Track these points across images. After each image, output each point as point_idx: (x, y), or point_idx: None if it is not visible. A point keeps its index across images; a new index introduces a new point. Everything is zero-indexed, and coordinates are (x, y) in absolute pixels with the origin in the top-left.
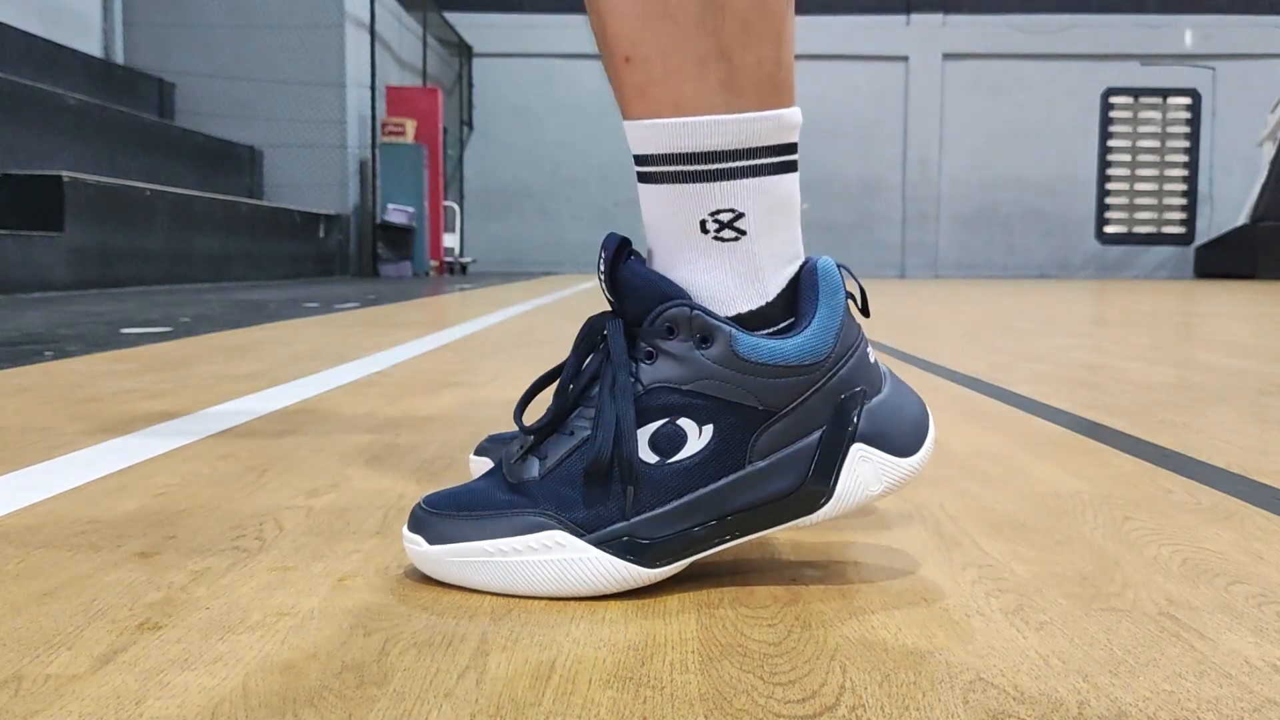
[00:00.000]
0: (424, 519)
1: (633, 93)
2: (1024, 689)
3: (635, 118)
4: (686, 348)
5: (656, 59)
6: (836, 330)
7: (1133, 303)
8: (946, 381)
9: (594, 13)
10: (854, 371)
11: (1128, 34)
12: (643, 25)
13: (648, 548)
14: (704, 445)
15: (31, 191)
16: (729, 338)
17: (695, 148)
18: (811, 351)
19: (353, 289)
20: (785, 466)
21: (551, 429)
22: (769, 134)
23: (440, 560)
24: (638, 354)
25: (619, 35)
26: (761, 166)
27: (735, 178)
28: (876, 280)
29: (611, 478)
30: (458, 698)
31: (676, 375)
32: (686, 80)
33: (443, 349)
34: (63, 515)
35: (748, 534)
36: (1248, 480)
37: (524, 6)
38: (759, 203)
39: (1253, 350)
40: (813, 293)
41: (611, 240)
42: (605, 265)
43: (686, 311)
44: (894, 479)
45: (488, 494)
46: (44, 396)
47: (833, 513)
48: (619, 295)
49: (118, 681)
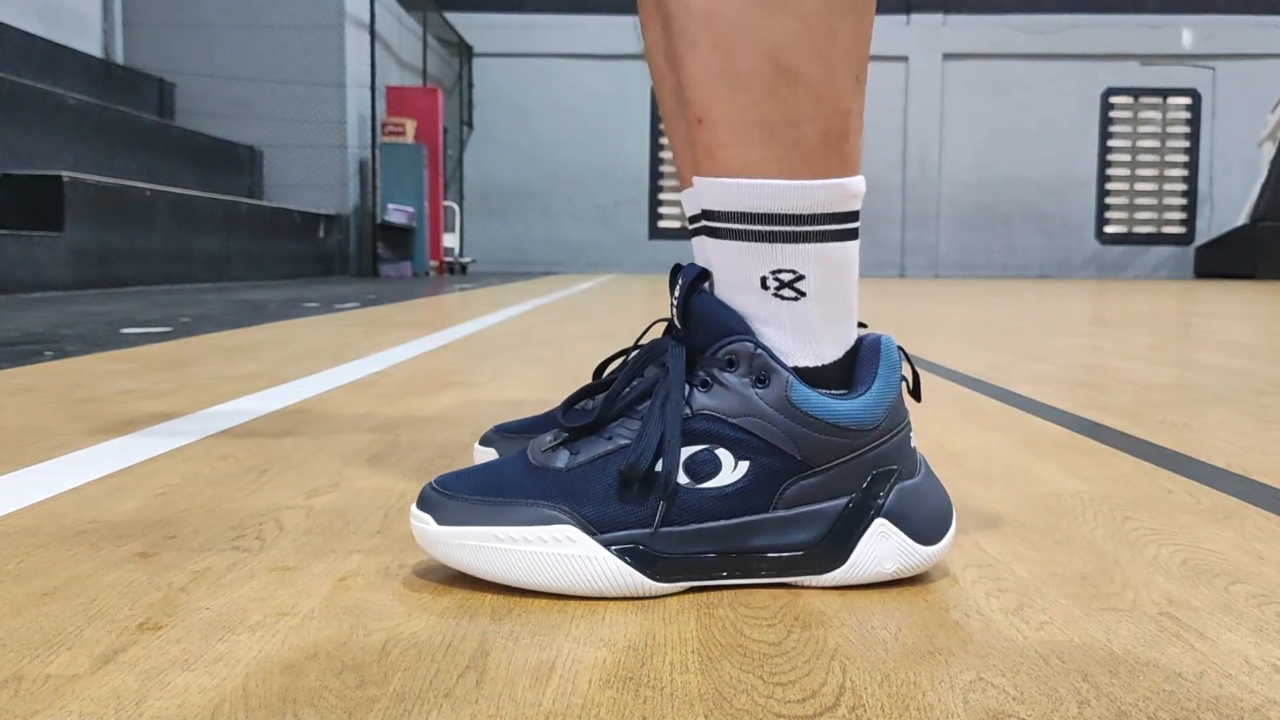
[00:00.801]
0: (434, 499)
1: (703, 152)
2: (1024, 689)
3: (704, 175)
4: (743, 383)
5: (726, 124)
6: (889, 405)
7: (1133, 303)
8: (946, 381)
9: (672, 74)
10: (894, 449)
11: (1127, 34)
12: (714, 92)
13: (654, 560)
14: (736, 479)
15: (31, 191)
16: (786, 383)
17: (760, 209)
18: (861, 419)
19: (353, 289)
20: (808, 521)
21: (591, 430)
22: (833, 202)
23: (446, 542)
24: (694, 380)
25: (693, 98)
26: (825, 233)
27: (797, 241)
28: (876, 280)
29: (642, 487)
30: (458, 698)
31: (726, 407)
32: (754, 146)
33: (443, 349)
34: (63, 515)
35: (751, 577)
36: (1248, 480)
37: (524, 6)
38: (820, 267)
39: (1253, 350)
40: (873, 365)
41: (690, 270)
42: (681, 293)
43: (750, 348)
44: (909, 563)
45: (504, 478)
46: (44, 396)
47: (841, 579)
48: (688, 323)
49: (118, 681)
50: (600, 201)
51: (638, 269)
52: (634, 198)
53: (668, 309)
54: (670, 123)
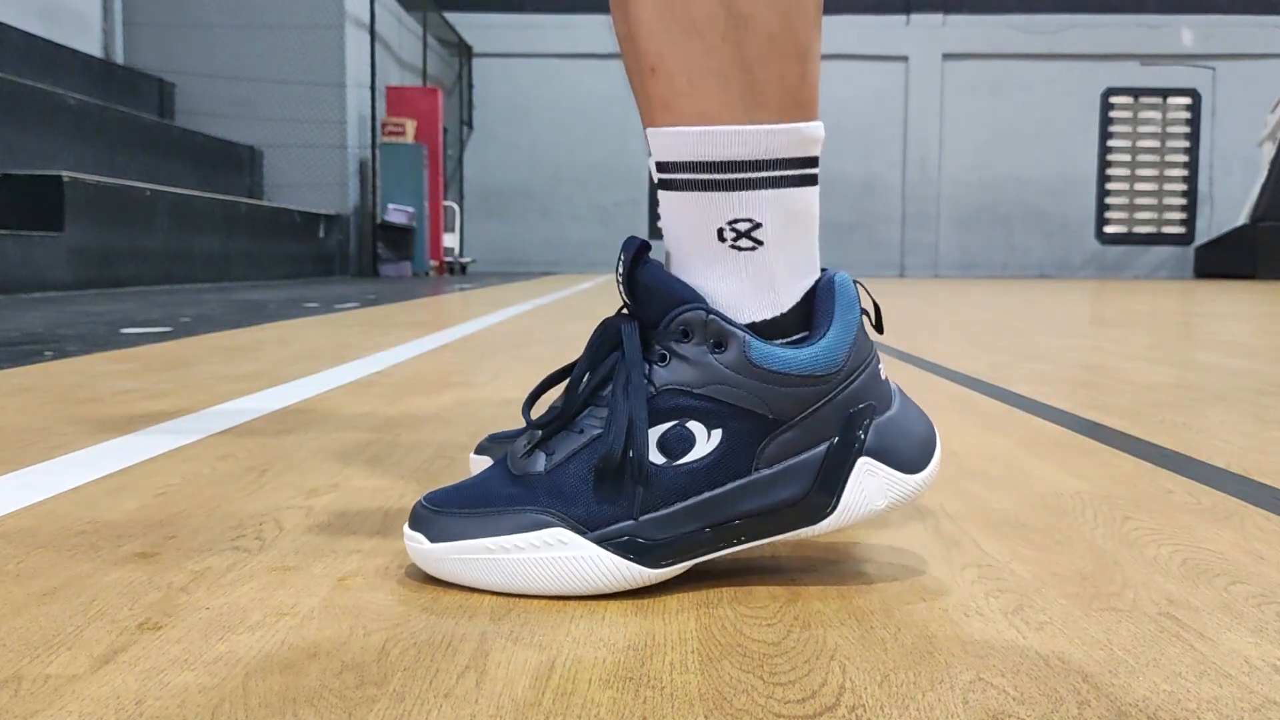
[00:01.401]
0: (425, 516)
1: (657, 103)
2: (1024, 689)
3: (659, 126)
4: (700, 351)
5: (681, 72)
6: (850, 344)
7: (1132, 303)
8: (946, 381)
9: (620, 23)
10: (864, 386)
11: (1127, 34)
12: (669, 39)
13: (650, 548)
14: (712, 449)
15: (31, 191)
16: (743, 344)
17: (716, 156)
18: (824, 363)
19: (353, 289)
20: (791, 475)
21: (560, 426)
22: (789, 146)
23: (441, 558)
24: (651, 356)
25: (646, 48)
26: (781, 179)
27: (754, 188)
28: (876, 280)
29: (619, 477)
30: (458, 698)
31: (689, 378)
32: (710, 93)
33: (443, 349)
34: (63, 515)
35: (750, 540)
36: (1248, 480)
37: (524, 6)
38: (777, 214)
39: (1253, 350)
40: (828, 306)
41: (631, 243)
42: (624, 268)
43: (702, 315)
44: (899, 494)
45: (490, 490)
46: (44, 396)
47: (837, 524)
48: (636, 297)
49: (118, 681)
50: (600, 201)
51: None
52: (634, 198)
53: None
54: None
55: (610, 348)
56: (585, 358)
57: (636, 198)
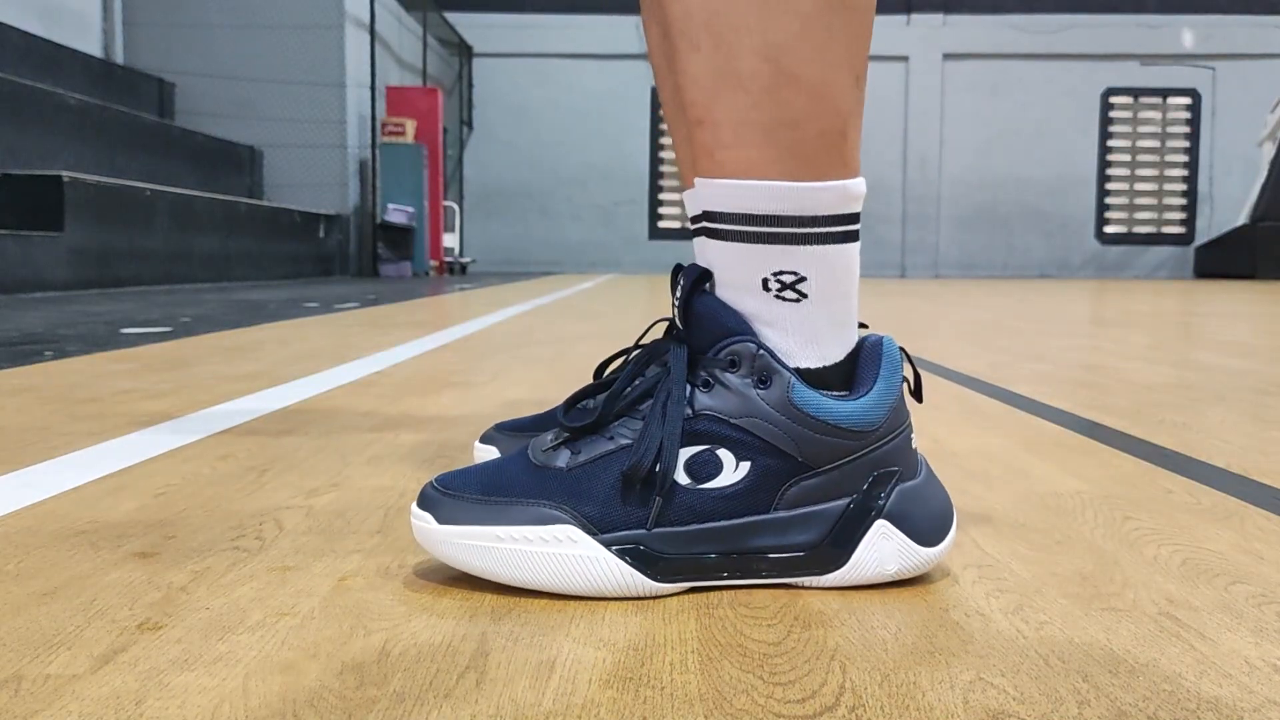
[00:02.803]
0: (435, 498)
1: (703, 153)
2: (1024, 689)
3: (703, 176)
4: (745, 384)
5: (726, 125)
6: (890, 407)
7: (1132, 303)
8: (946, 381)
9: (668, 76)
10: (895, 451)
11: (1127, 34)
12: (716, 92)
13: (656, 560)
14: (737, 480)
15: (31, 191)
16: (788, 384)
17: (761, 210)
18: (863, 420)
19: (353, 289)
20: (809, 522)
21: (592, 430)
22: (833, 204)
23: (446, 541)
24: (696, 380)
25: (693, 99)
26: (826, 235)
27: (798, 243)
28: (876, 280)
29: (642, 487)
30: (458, 698)
31: (728, 408)
32: (754, 147)
33: (443, 349)
34: (63, 515)
35: (754, 577)
36: (1248, 480)
37: (524, 6)
38: (821, 268)
39: (1253, 350)
40: (874, 366)
41: (692, 271)
42: (683, 293)
43: (753, 349)
44: (910, 564)
45: (506, 478)
46: (44, 396)
47: (843, 580)
48: (689, 322)
49: (118, 681)
50: (600, 201)
51: (638, 269)
52: (634, 198)
53: (669, 309)
54: (672, 124)
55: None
56: (630, 370)
57: (636, 198)
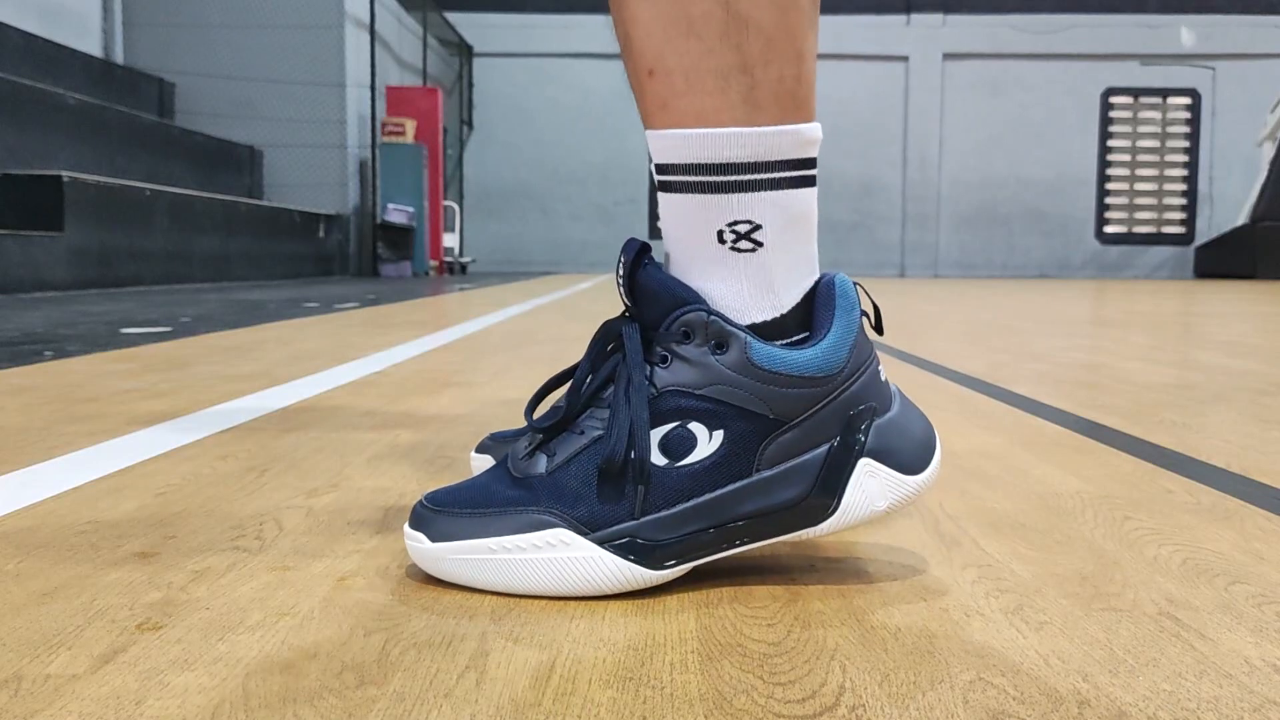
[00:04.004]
0: (425, 516)
1: (655, 104)
2: (1024, 689)
3: (657, 128)
4: (701, 353)
5: (679, 73)
6: (851, 345)
7: (1132, 303)
8: (946, 381)
9: (619, 24)
10: (865, 388)
11: (1128, 34)
12: (667, 40)
13: (651, 549)
14: (713, 450)
15: (31, 191)
16: (744, 345)
17: (715, 159)
18: (825, 364)
19: (353, 289)
20: (792, 476)
21: (562, 427)
22: (788, 148)
23: (442, 558)
24: (653, 357)
25: (643, 49)
26: (780, 180)
27: (754, 190)
28: (876, 280)
29: (620, 478)
30: (458, 698)
31: (690, 380)
32: (708, 94)
33: (443, 349)
34: (62, 515)
35: (752, 542)
36: (1248, 480)
37: (524, 6)
38: (777, 215)
39: (1253, 350)
40: (829, 308)
41: (631, 245)
42: (624, 270)
43: (703, 316)
44: (900, 495)
45: (491, 490)
46: (44, 396)
47: (838, 526)
48: (637, 299)
49: (118, 681)
50: (600, 201)
51: None
52: (634, 198)
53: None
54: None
55: (611, 350)
56: (587, 360)
57: (636, 198)
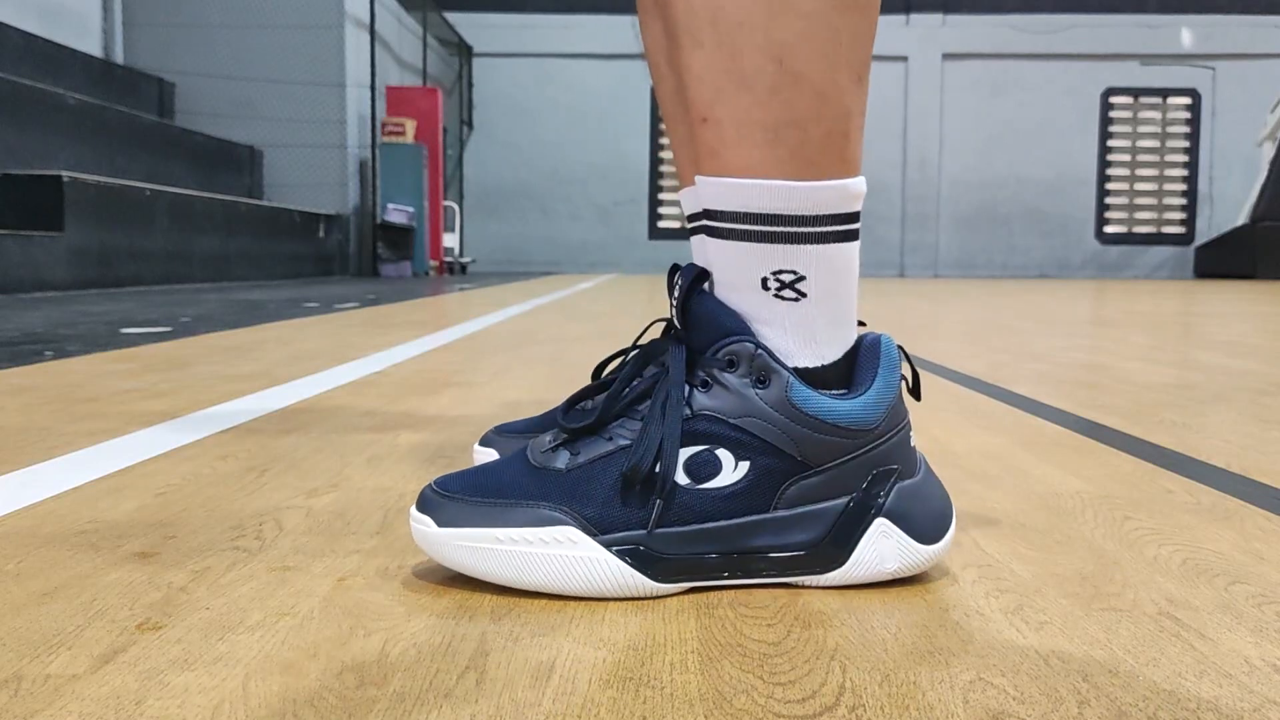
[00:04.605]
0: (434, 501)
1: (706, 151)
2: (1024, 689)
3: (707, 174)
4: (743, 383)
5: (730, 124)
6: (889, 405)
7: (1132, 303)
8: (946, 381)
9: (670, 75)
10: (894, 449)
11: (1127, 34)
12: (719, 91)
13: (656, 561)
14: (736, 480)
15: (31, 191)
16: (786, 383)
17: (762, 209)
18: (861, 418)
19: (353, 289)
20: (809, 521)
21: (591, 431)
22: (834, 203)
23: (446, 543)
24: (694, 380)
25: (696, 98)
26: (826, 234)
27: (799, 242)
28: (876, 280)
29: (642, 488)
30: (458, 698)
31: (726, 407)
32: (758, 146)
33: (443, 349)
34: (63, 515)
35: (754, 576)
36: (1248, 480)
37: (524, 6)
38: (820, 268)
39: (1253, 350)
40: (872, 365)
41: (690, 270)
42: (680, 293)
43: (750, 348)
44: (910, 562)
45: (505, 480)
46: (44, 396)
47: (843, 579)
48: (687, 322)
49: (118, 681)
50: (600, 201)
51: (637, 269)
52: (634, 198)
53: (667, 309)
54: (671, 122)
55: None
56: (629, 371)
57: (636, 198)
